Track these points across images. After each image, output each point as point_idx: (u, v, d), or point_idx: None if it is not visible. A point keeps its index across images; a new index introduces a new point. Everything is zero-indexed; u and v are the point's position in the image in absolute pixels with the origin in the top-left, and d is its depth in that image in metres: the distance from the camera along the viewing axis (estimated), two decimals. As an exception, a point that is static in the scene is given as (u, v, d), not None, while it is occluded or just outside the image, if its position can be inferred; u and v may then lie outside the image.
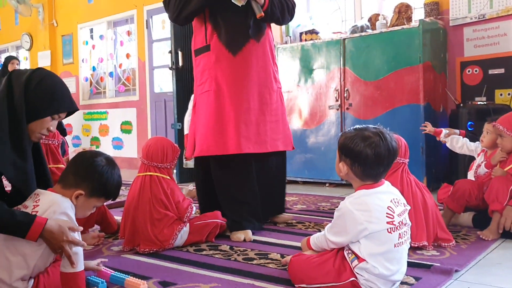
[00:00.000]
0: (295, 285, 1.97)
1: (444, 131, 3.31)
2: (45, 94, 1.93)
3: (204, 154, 2.96)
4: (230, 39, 2.92)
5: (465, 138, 3.26)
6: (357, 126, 1.94)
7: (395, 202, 1.86)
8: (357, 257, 1.82)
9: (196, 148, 3.02)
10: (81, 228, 1.86)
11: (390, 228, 1.80)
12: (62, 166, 2.83)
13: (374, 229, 1.79)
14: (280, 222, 3.23)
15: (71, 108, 2.04)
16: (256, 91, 2.96)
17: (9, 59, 6.49)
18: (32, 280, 1.85)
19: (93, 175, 1.91)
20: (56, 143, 2.89)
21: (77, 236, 1.82)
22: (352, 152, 1.85)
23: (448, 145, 3.30)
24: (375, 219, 1.79)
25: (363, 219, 1.79)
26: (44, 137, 2.02)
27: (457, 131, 3.32)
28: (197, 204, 3.20)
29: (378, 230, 1.79)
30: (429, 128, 3.36)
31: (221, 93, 2.92)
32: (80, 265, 1.81)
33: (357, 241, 1.82)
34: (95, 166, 1.92)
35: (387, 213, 1.81)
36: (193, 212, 2.77)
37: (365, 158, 1.82)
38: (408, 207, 1.94)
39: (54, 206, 1.82)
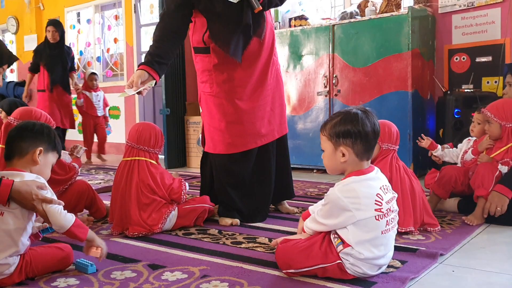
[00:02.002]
0: (283, 271, 1.96)
1: (439, 147, 3.22)
2: None
3: (211, 151, 2.93)
4: (230, 46, 2.72)
5: (454, 148, 3.25)
6: (335, 113, 1.93)
7: (384, 189, 1.87)
8: (342, 242, 1.84)
9: (205, 144, 3.01)
10: (47, 186, 1.90)
11: (378, 215, 1.81)
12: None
13: (362, 216, 1.79)
14: (283, 212, 3.14)
15: (11, 59, 2.23)
16: (257, 88, 2.87)
17: (47, 24, 6.06)
18: (19, 256, 1.88)
19: (42, 132, 2.00)
20: None
21: (49, 194, 1.86)
22: (350, 131, 1.82)
23: (446, 159, 3.22)
24: (363, 206, 1.79)
25: (352, 206, 1.79)
26: None
27: (447, 146, 3.30)
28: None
29: (366, 217, 1.79)
30: (426, 141, 3.21)
31: (222, 96, 2.83)
32: (66, 222, 1.86)
33: (344, 227, 1.83)
34: (38, 126, 2.02)
35: (376, 200, 1.81)
36: (187, 188, 2.79)
37: (365, 131, 1.82)
38: (396, 194, 1.95)
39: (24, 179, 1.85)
